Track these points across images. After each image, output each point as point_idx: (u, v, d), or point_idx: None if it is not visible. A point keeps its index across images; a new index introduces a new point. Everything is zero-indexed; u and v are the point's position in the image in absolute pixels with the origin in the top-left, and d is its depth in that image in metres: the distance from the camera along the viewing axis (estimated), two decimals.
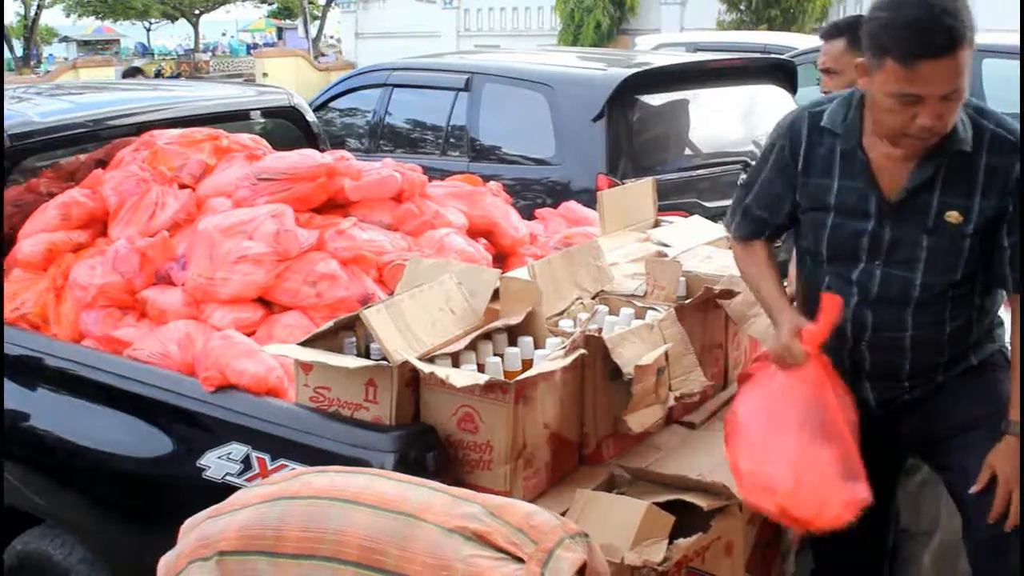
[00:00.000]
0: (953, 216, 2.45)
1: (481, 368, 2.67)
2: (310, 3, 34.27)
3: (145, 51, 48.40)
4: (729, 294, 3.14)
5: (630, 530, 2.34)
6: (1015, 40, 8.68)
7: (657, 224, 4.07)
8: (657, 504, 2.46)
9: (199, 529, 1.99)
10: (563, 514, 2.32)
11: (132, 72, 29.55)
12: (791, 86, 6.60)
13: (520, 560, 1.84)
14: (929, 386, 2.67)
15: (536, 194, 5.93)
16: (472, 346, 2.73)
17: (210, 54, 46.62)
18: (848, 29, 3.69)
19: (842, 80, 3.63)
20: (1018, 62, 8.13)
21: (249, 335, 3.15)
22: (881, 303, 2.58)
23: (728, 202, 4.97)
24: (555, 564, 1.85)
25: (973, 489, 2.55)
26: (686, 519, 2.53)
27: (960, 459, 2.64)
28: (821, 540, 2.90)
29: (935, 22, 2.24)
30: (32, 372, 3.21)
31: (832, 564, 2.99)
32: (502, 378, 2.54)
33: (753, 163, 5.76)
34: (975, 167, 2.43)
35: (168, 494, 2.88)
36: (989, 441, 2.55)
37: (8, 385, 3.15)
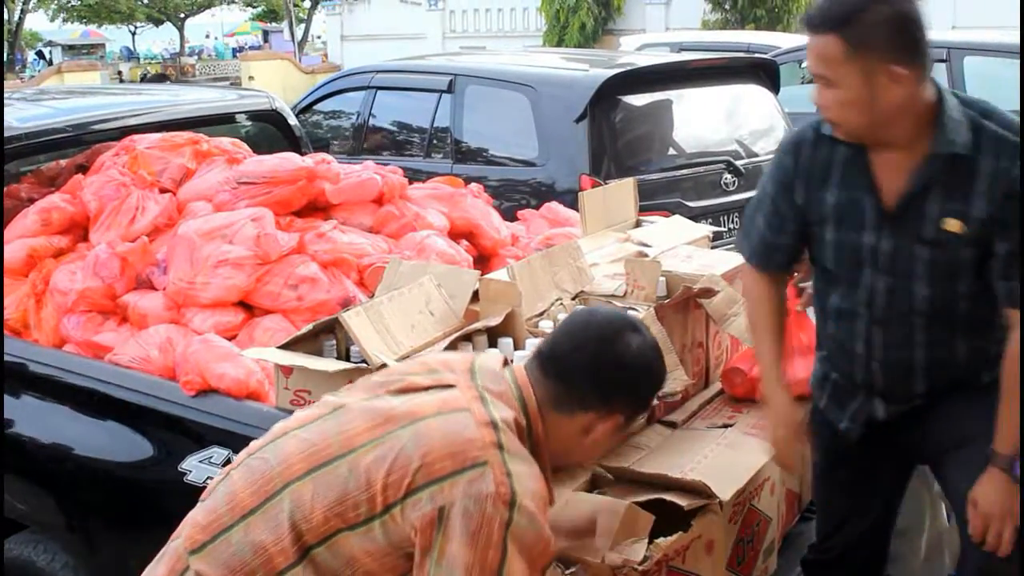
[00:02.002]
0: (952, 224, 2.33)
1: None
2: (295, 6, 34.23)
3: (131, 55, 48.24)
4: (708, 293, 3.15)
5: (610, 531, 2.35)
6: (996, 37, 8.73)
7: (638, 224, 4.08)
8: (638, 503, 2.47)
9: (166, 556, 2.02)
10: None
11: (159, 78, 29.72)
12: (774, 85, 6.62)
13: (450, 386, 1.96)
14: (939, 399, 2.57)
15: (521, 195, 5.94)
16: (452, 348, 2.73)
17: (196, 58, 46.53)
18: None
19: None
20: (998, 59, 8.18)
21: (230, 339, 3.15)
22: (888, 320, 2.48)
23: (711, 201, 5.02)
24: (479, 373, 2.00)
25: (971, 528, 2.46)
26: (667, 518, 2.54)
27: (955, 479, 2.56)
28: (821, 539, 2.92)
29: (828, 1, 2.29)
30: (13, 378, 3.20)
31: (829, 565, 2.95)
32: None
33: (740, 166, 5.77)
34: (975, 171, 2.30)
35: (150, 498, 2.88)
36: (982, 461, 2.44)
37: None
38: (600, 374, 1.99)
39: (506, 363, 2.09)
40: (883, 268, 2.44)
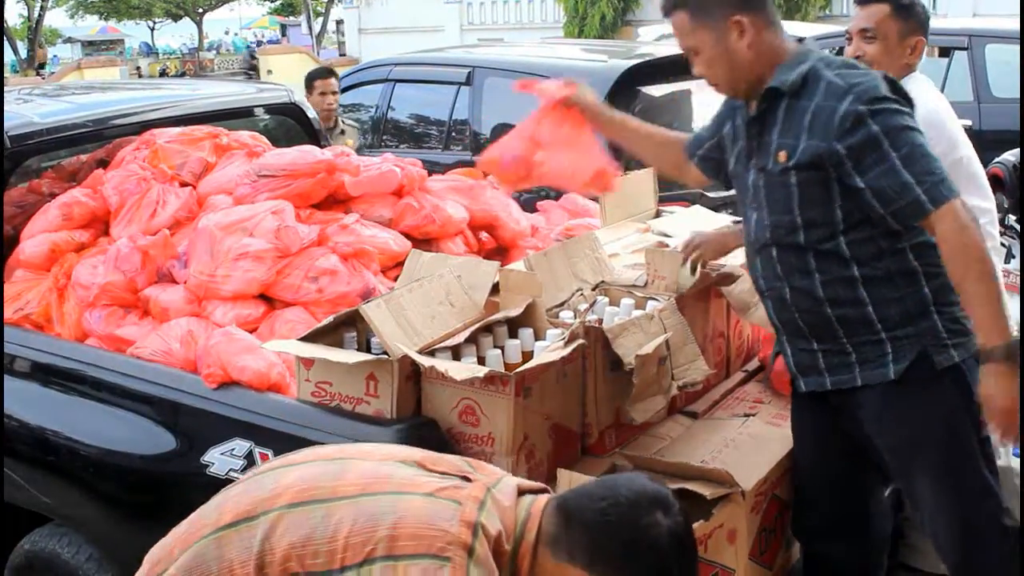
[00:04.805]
0: (782, 155, 2.56)
1: (481, 361, 2.68)
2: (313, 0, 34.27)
3: (149, 51, 48.46)
4: (728, 279, 3.14)
5: None
6: (1017, 25, 8.64)
7: (658, 214, 4.08)
8: None
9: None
10: None
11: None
12: None
13: (466, 479, 1.89)
14: (846, 376, 2.62)
15: (540, 187, 5.92)
16: (472, 339, 2.73)
17: (214, 52, 46.68)
18: None
19: (883, 47, 3.33)
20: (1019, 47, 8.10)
21: (251, 331, 3.15)
22: (757, 251, 2.71)
23: (731, 192, 4.99)
24: (502, 485, 1.91)
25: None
26: (690, 508, 2.53)
27: (903, 485, 2.75)
28: (808, 537, 2.92)
29: None
30: (37, 371, 3.22)
31: (822, 560, 2.94)
32: (502, 370, 2.54)
33: None
34: (803, 109, 2.52)
35: (172, 491, 2.89)
36: (916, 468, 2.61)
37: (14, 384, 3.17)
38: (610, 546, 1.83)
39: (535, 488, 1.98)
40: (749, 199, 2.70)
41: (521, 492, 1.95)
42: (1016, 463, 3.35)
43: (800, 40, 2.70)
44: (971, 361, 2.56)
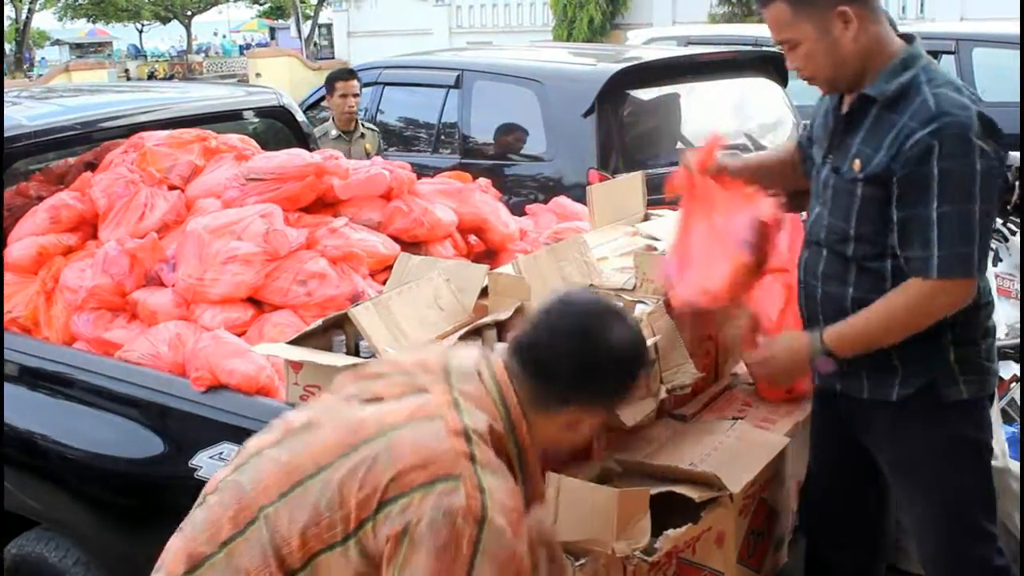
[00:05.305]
0: (856, 164, 2.49)
1: None
2: (302, 2, 34.24)
3: (138, 53, 48.32)
4: None
5: (611, 519, 2.34)
6: (1004, 29, 8.68)
7: (647, 218, 4.08)
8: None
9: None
10: None
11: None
12: (782, 78, 6.60)
13: (422, 391, 1.90)
14: (855, 384, 2.62)
15: (529, 190, 5.93)
16: (462, 342, 2.73)
17: (203, 55, 46.59)
18: None
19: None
20: (1006, 51, 8.13)
21: (240, 335, 3.15)
22: (809, 242, 2.68)
23: None
24: (457, 374, 1.93)
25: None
26: (678, 511, 2.54)
27: (900, 498, 2.76)
28: (814, 541, 2.92)
29: None
30: (24, 375, 3.21)
31: (827, 565, 2.95)
32: None
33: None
34: (891, 124, 2.43)
35: (161, 494, 2.89)
36: (909, 494, 2.65)
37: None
38: (583, 370, 1.92)
39: (484, 356, 2.00)
40: (819, 193, 2.64)
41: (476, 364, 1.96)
42: (1013, 465, 3.36)
43: (909, 39, 2.55)
44: (984, 402, 2.58)
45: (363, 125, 6.47)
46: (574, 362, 1.92)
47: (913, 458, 2.60)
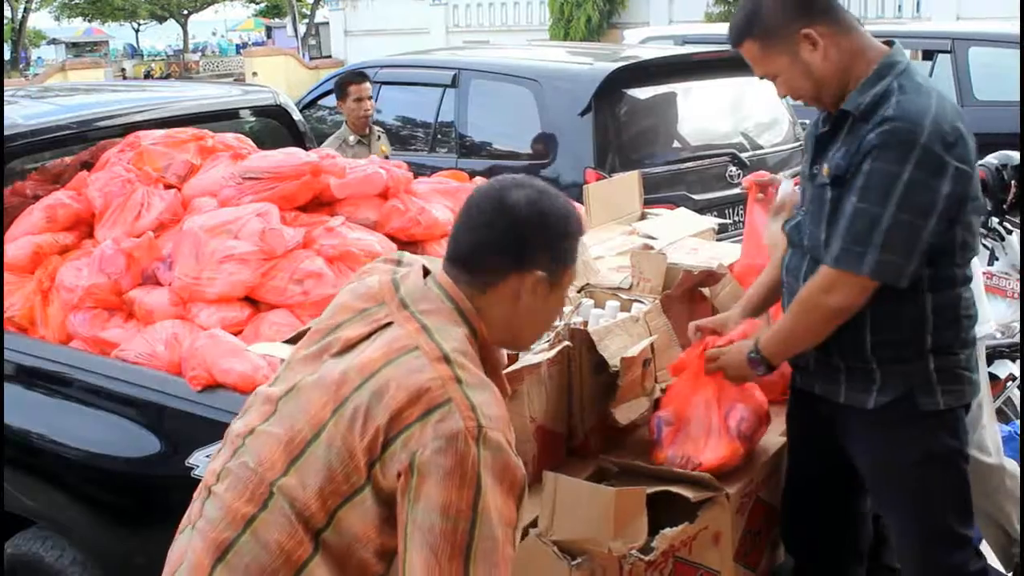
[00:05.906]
0: (826, 169, 2.53)
1: None
2: (298, 1, 34.23)
3: (134, 52, 48.32)
4: (710, 278, 3.15)
5: (608, 518, 2.34)
6: (1001, 28, 8.70)
7: (643, 217, 4.09)
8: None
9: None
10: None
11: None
12: None
13: (387, 324, 1.92)
14: (832, 388, 2.63)
15: None
16: None
17: (199, 54, 46.57)
18: None
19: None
20: (1003, 50, 8.15)
21: (236, 334, 3.15)
22: (793, 245, 2.72)
23: (716, 194, 5.03)
24: (413, 298, 1.93)
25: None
26: (675, 511, 2.54)
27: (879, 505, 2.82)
28: (794, 538, 2.93)
29: (734, 18, 2.64)
30: (21, 374, 3.21)
31: (809, 561, 2.96)
32: None
33: (745, 159, 5.82)
34: (862, 135, 2.45)
35: (157, 493, 2.88)
36: (886, 500, 2.71)
37: None
38: (500, 238, 1.93)
39: (426, 272, 2.01)
40: (806, 203, 2.68)
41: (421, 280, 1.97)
42: (1008, 463, 3.36)
43: (890, 43, 2.57)
44: (960, 411, 2.59)
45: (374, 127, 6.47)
46: (490, 234, 1.94)
47: (889, 466, 2.62)
